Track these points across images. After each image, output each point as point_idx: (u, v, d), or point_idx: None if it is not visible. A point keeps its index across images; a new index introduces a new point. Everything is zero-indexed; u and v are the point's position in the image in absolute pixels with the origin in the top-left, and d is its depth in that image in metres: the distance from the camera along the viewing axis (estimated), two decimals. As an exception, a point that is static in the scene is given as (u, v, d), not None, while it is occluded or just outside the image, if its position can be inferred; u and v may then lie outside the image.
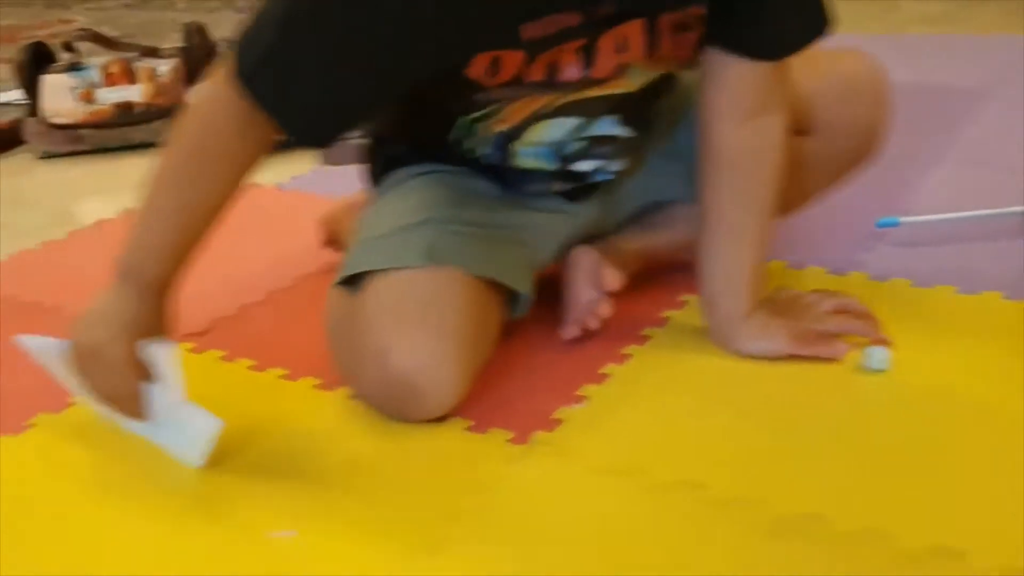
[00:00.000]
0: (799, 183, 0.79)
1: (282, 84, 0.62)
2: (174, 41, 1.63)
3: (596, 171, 0.78)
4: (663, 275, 0.85)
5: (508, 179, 0.77)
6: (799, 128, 0.78)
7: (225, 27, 2.65)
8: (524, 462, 0.65)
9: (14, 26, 2.80)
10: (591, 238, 0.80)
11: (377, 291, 0.68)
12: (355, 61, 0.62)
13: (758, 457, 0.63)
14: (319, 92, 0.63)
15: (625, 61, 0.69)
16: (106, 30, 1.73)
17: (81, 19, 3.04)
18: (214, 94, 0.66)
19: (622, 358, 0.76)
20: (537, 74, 0.68)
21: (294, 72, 0.62)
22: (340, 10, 0.60)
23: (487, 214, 0.75)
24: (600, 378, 0.74)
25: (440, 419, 0.70)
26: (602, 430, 0.68)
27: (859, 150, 0.82)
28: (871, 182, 0.94)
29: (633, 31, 0.67)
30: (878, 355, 0.71)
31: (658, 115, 0.79)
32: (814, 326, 0.74)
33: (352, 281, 0.71)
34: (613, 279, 0.77)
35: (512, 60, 0.66)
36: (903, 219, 0.95)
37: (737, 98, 0.72)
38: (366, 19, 0.60)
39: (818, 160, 0.80)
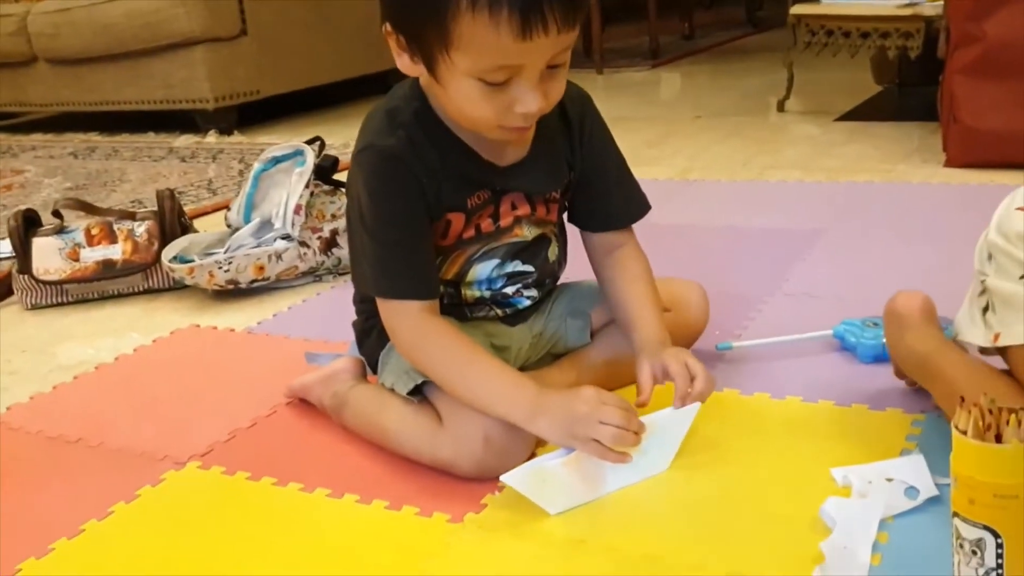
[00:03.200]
0: None
1: (403, 281, 1.00)
2: (125, 192, 1.89)
3: (517, 295, 1.12)
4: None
5: (464, 311, 1.11)
6: None
7: (173, 176, 2.91)
8: (460, 536, 0.92)
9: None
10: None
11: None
12: (409, 240, 1.00)
13: (644, 520, 0.91)
14: (412, 265, 1.00)
15: (519, 215, 1.07)
16: (86, 198, 1.98)
17: (32, 168, 3.28)
18: (401, 326, 1.02)
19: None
20: (469, 232, 1.05)
21: (394, 270, 1.00)
22: (392, 231, 1.00)
23: (479, 334, 1.08)
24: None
25: (397, 507, 0.96)
26: (519, 509, 0.94)
27: (685, 337, 1.19)
28: (715, 315, 1.25)
29: (519, 199, 1.07)
30: None
31: (546, 264, 1.13)
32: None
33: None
34: None
35: (458, 222, 1.03)
36: (735, 343, 1.26)
37: (605, 247, 1.13)
38: (400, 222, 1.00)
39: None
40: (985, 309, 0.91)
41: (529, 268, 1.11)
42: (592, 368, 1.15)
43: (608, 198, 1.12)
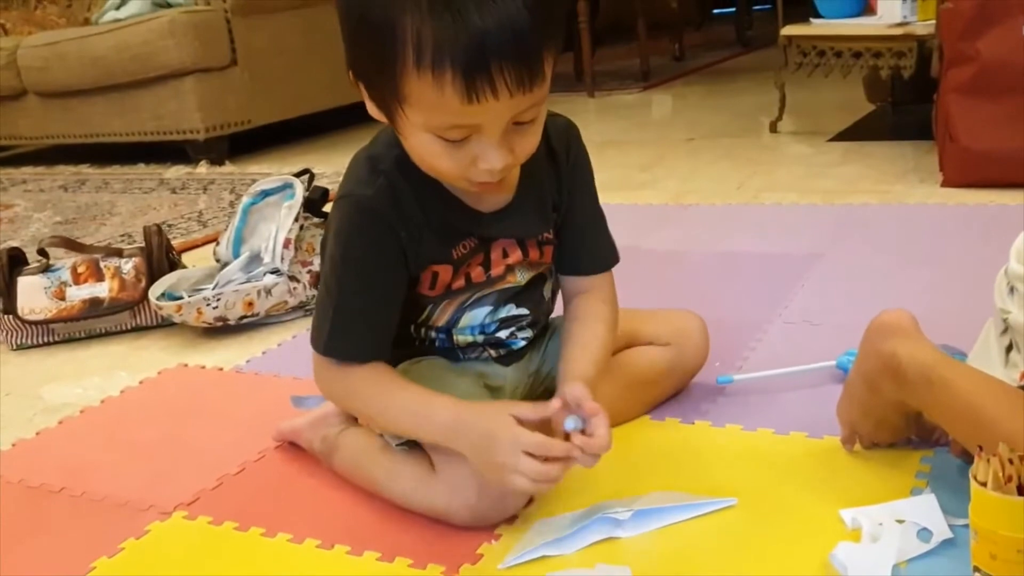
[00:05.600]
0: (654, 387, 1.17)
1: (347, 343, 0.97)
2: (114, 225, 1.86)
3: (512, 337, 1.08)
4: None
5: (456, 354, 1.07)
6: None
7: (163, 209, 2.89)
8: (455, 588, 0.88)
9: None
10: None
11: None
12: (368, 298, 0.96)
13: (644, 570, 0.88)
14: (367, 331, 0.96)
15: (510, 263, 1.02)
16: (76, 232, 1.94)
17: (21, 202, 3.25)
18: (333, 381, 0.99)
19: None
20: (459, 283, 1.00)
21: (350, 333, 0.96)
22: (350, 288, 0.96)
23: (471, 374, 1.05)
24: (514, 517, 0.97)
25: (389, 559, 0.93)
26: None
27: (686, 372, 1.19)
28: (714, 345, 1.22)
29: (510, 245, 1.02)
30: None
31: (541, 303, 1.10)
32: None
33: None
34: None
35: (445, 273, 0.98)
36: (736, 376, 1.23)
37: (576, 290, 1.08)
38: (361, 277, 0.95)
39: (665, 372, 1.17)
40: (1009, 348, 0.87)
41: (524, 311, 1.07)
42: None
43: (580, 241, 1.07)
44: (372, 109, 0.91)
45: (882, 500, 0.92)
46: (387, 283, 0.96)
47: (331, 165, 3.04)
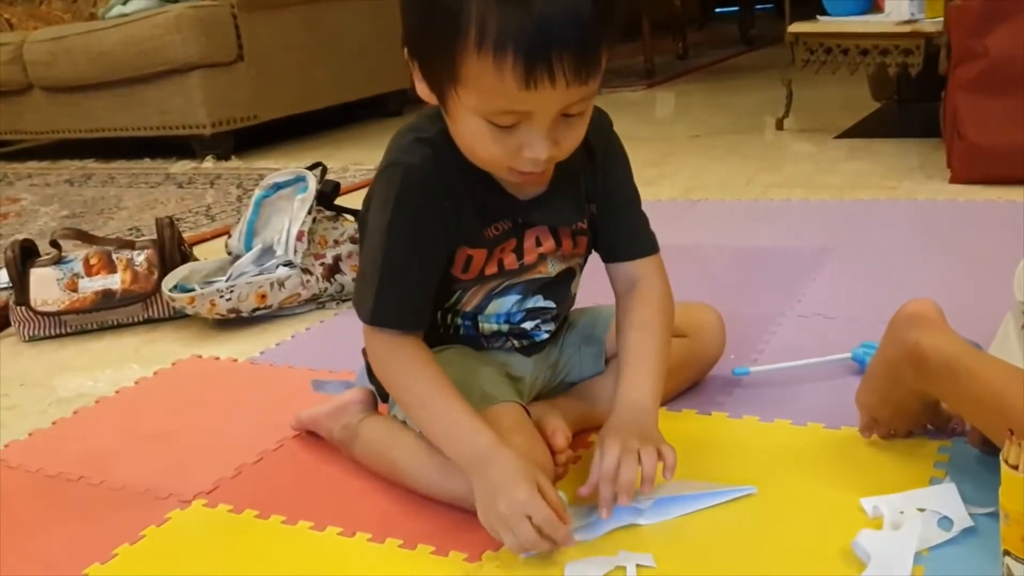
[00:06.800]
0: (671, 379, 1.11)
1: (394, 310, 0.96)
2: (122, 219, 1.86)
3: (536, 329, 1.08)
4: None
5: (480, 342, 1.08)
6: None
7: (171, 203, 2.90)
8: (478, 575, 0.89)
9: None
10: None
11: None
12: (413, 263, 0.96)
13: (664, 559, 0.88)
14: (413, 298, 0.97)
15: (543, 252, 1.03)
16: (83, 226, 1.95)
17: (27, 196, 3.25)
18: (385, 362, 0.99)
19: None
20: (492, 268, 1.01)
21: (398, 300, 0.96)
22: (397, 255, 0.95)
23: (494, 364, 1.06)
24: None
25: (411, 546, 0.93)
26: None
27: (703, 364, 1.20)
28: (728, 338, 1.22)
29: (543, 233, 1.02)
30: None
31: (567, 298, 1.11)
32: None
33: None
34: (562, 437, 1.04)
35: (479, 257, 0.99)
36: (753, 368, 1.23)
37: (621, 279, 1.07)
38: (409, 244, 0.95)
39: (682, 364, 1.16)
40: None
41: (550, 304, 1.08)
42: (605, 399, 1.11)
43: (621, 226, 1.07)
44: (422, 89, 0.91)
45: (902, 489, 0.92)
46: (432, 252, 0.97)
47: (338, 161, 3.04)
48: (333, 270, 1.71)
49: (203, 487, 1.09)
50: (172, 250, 1.75)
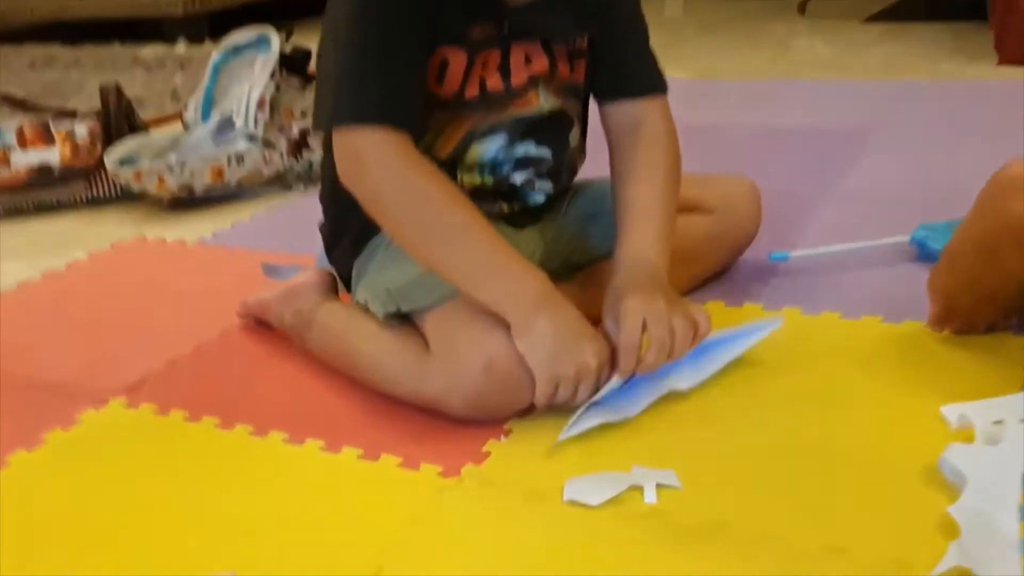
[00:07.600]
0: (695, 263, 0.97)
1: (361, 99, 0.77)
2: (81, 101, 1.65)
3: (528, 186, 0.90)
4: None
5: None
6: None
7: (136, 85, 2.66)
8: (455, 493, 0.70)
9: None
10: None
11: (453, 318, 0.78)
12: (388, 46, 0.78)
13: (697, 480, 0.69)
14: (387, 76, 0.77)
15: (534, 74, 0.86)
16: (16, 91, 1.73)
17: (-15, 80, 3.01)
18: (368, 159, 0.77)
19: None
20: (472, 89, 0.83)
21: (365, 90, 0.77)
22: (366, 44, 0.77)
23: None
24: (528, 410, 0.79)
25: (373, 456, 0.75)
26: (530, 459, 0.73)
27: (733, 244, 1.02)
28: (764, 220, 1.03)
29: (534, 50, 0.86)
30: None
31: (565, 149, 0.92)
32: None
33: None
34: None
35: (457, 63, 0.82)
36: (793, 253, 1.04)
37: (620, 123, 0.90)
38: (386, 26, 0.77)
39: (708, 245, 0.99)
40: None
41: (544, 152, 0.89)
42: None
43: (622, 55, 0.90)
44: None
45: (991, 395, 0.74)
46: (408, 42, 0.78)
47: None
48: (300, 145, 1.50)
49: (125, 383, 0.90)
50: (119, 121, 1.53)
